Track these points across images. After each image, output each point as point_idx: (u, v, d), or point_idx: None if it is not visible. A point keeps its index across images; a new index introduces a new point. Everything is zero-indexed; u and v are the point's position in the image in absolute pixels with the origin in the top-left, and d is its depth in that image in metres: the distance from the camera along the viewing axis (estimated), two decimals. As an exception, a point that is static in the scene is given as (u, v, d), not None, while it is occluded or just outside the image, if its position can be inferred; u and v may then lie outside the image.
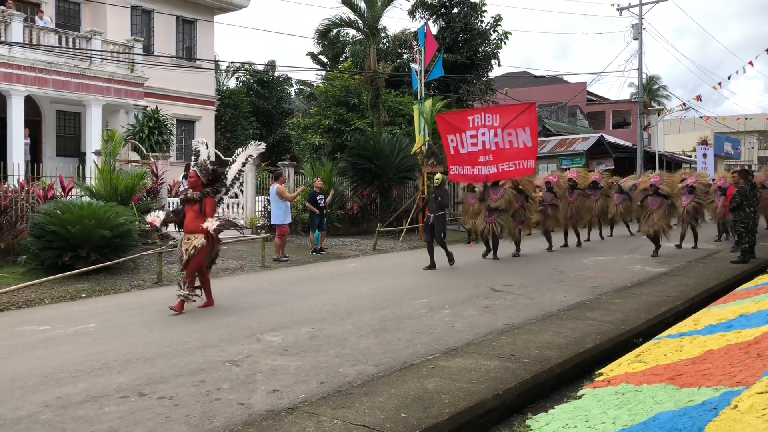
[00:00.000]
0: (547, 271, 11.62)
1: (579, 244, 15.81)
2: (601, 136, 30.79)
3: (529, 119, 13.03)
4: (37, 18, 19.31)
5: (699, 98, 32.25)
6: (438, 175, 12.09)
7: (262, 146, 9.18)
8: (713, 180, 16.86)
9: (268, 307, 8.49)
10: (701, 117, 42.74)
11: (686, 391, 4.28)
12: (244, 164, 8.70)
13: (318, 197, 14.55)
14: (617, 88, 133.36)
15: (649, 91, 49.01)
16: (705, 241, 16.21)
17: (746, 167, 19.44)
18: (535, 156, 13.31)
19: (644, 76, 32.94)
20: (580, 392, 4.88)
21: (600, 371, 5.45)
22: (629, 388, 4.64)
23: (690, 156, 39.61)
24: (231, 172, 8.58)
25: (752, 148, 55.76)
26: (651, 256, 13.16)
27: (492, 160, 12.96)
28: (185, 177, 16.27)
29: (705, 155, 29.09)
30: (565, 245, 15.49)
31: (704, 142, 30.15)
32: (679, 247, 14.65)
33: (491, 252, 13.31)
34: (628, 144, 35.15)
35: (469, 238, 16.64)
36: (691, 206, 14.40)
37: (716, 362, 4.84)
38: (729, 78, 38.72)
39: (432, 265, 11.78)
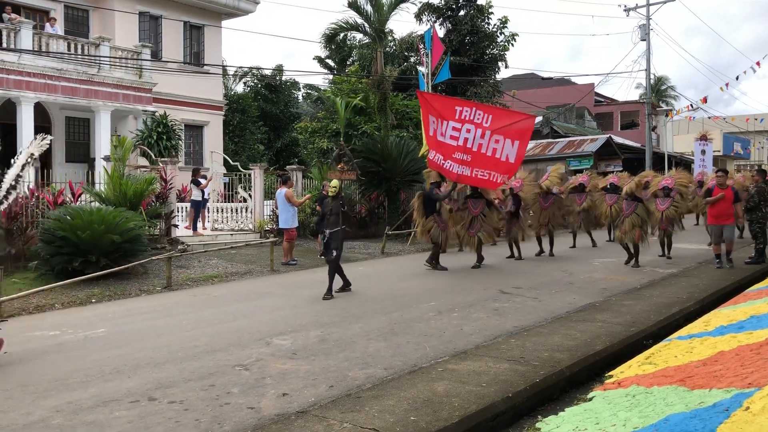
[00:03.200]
0: (556, 273, 11.58)
1: (551, 252, 14.48)
2: (610, 137, 30.73)
3: (522, 132, 11.95)
4: (47, 25, 19.45)
5: (705, 100, 31.98)
6: (334, 182, 10.01)
7: (47, 140, 6.99)
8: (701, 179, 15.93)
9: (276, 310, 8.50)
10: (710, 117, 42.45)
11: (697, 392, 4.25)
12: (23, 167, 6.59)
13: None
14: (625, 89, 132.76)
15: (658, 91, 48.80)
16: (703, 241, 16.12)
17: (757, 167, 19.13)
18: (512, 174, 12.48)
19: (652, 77, 32.77)
20: (591, 394, 4.86)
21: (610, 373, 5.42)
22: (640, 390, 4.61)
23: (698, 156, 39.34)
24: (8, 178, 6.53)
25: (762, 147, 55.43)
26: (625, 264, 12.42)
27: (469, 161, 11.95)
28: (193, 182, 16.45)
29: (703, 152, 26.69)
30: (541, 252, 14.57)
31: (703, 138, 27.41)
32: (663, 256, 13.57)
33: (435, 262, 12.28)
34: (637, 145, 35.07)
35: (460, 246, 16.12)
36: (669, 211, 13.00)
37: (727, 364, 4.80)
38: (737, 78, 38.60)
39: (346, 285, 9.87)
